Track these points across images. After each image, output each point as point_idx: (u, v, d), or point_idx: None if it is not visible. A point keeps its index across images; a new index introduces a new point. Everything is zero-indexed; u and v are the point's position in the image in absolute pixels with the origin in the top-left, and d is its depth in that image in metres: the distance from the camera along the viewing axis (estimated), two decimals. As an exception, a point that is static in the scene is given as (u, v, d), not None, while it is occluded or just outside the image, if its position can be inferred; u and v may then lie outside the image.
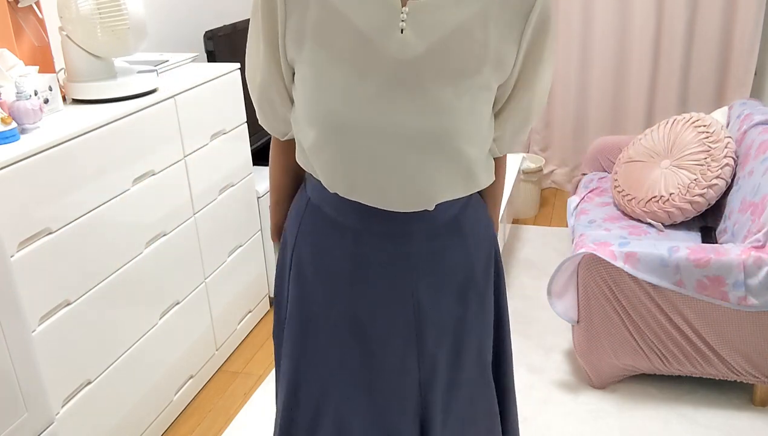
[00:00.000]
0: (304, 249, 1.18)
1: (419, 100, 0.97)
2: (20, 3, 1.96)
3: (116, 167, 1.91)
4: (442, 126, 0.98)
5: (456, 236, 1.15)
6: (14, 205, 1.59)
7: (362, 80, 0.97)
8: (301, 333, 1.21)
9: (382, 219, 1.09)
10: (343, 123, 0.98)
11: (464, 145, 1.01)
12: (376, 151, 1.00)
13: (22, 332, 1.46)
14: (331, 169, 1.04)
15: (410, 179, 1.02)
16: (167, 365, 2.20)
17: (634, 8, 3.54)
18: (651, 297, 2.12)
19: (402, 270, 1.13)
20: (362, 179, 1.03)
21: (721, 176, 2.53)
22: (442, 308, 1.17)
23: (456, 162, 1.02)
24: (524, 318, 2.77)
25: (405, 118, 0.97)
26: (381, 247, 1.11)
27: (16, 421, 1.46)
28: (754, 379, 2.16)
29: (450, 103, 0.97)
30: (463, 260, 1.17)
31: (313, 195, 1.16)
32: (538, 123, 3.94)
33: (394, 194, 1.04)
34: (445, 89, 0.97)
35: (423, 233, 1.11)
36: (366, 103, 0.97)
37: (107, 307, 1.91)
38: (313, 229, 1.17)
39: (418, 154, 0.99)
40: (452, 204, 1.12)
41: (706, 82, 3.57)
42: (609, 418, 2.20)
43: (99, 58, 2.04)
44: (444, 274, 1.15)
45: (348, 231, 1.12)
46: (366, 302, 1.15)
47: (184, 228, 2.24)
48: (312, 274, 1.18)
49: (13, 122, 1.67)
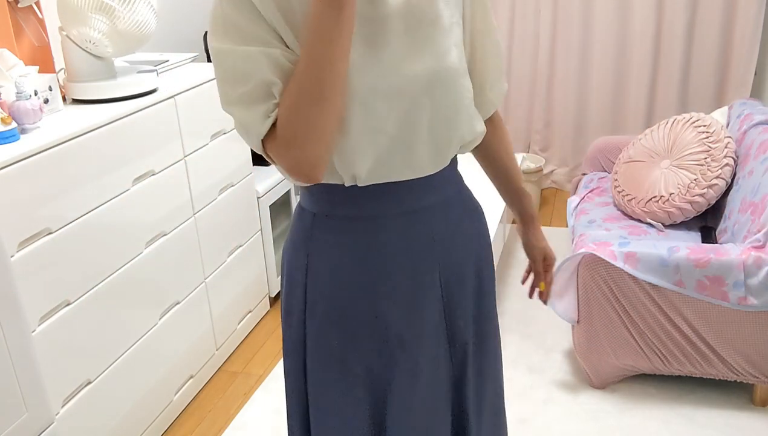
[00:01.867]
0: (322, 272, 1.15)
1: (414, 47, 1.03)
2: (20, 3, 1.96)
3: (116, 167, 1.91)
4: (442, 65, 1.05)
5: (465, 209, 1.20)
6: (14, 206, 1.59)
7: (357, 47, 1.00)
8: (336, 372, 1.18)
9: (399, 197, 1.11)
10: (353, 92, 1.00)
11: (459, 80, 1.08)
12: (390, 109, 1.03)
13: (22, 332, 1.46)
14: (349, 143, 1.03)
15: (431, 126, 1.07)
16: (167, 365, 2.21)
17: (634, 8, 3.54)
18: (651, 297, 2.12)
19: (426, 249, 1.14)
20: (383, 146, 1.05)
21: (721, 176, 2.53)
22: (467, 288, 1.20)
23: (458, 98, 1.08)
24: (524, 318, 2.77)
25: (407, 69, 1.02)
26: (402, 230, 1.12)
27: (16, 421, 1.46)
28: (754, 379, 2.16)
29: (440, 42, 1.05)
30: (476, 233, 1.22)
31: (320, 207, 1.14)
32: (538, 123, 3.94)
33: (420, 149, 1.07)
34: (431, 31, 1.05)
35: (439, 207, 1.15)
36: (368, 67, 1.01)
37: (107, 307, 1.91)
38: (326, 245, 1.14)
39: (427, 99, 1.05)
40: (453, 177, 1.17)
41: (706, 82, 3.57)
42: (609, 418, 2.20)
43: (99, 58, 2.04)
44: (463, 248, 1.19)
45: (362, 223, 1.12)
46: (392, 301, 1.14)
47: (184, 228, 2.24)
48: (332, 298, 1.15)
49: (13, 122, 1.67)
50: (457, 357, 1.21)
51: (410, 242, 1.13)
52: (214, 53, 1.00)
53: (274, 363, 2.58)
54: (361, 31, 1.00)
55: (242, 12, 0.97)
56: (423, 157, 1.09)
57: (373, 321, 1.15)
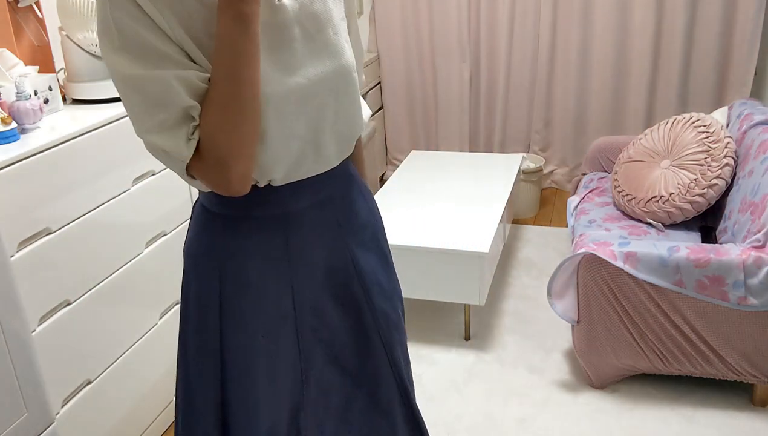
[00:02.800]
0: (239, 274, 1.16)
1: (315, 50, 1.08)
2: (20, 3, 1.96)
3: (116, 167, 1.91)
4: (341, 63, 1.10)
5: (357, 190, 1.26)
6: (14, 205, 1.59)
7: (266, 53, 1.02)
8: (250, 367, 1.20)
9: (309, 190, 1.15)
10: (270, 97, 1.02)
11: (356, 73, 1.15)
12: (303, 111, 1.07)
13: (22, 332, 1.46)
14: (271, 152, 1.05)
15: (336, 122, 1.13)
16: (167, 365, 2.20)
17: (633, 8, 3.54)
18: (651, 297, 2.12)
19: (336, 235, 1.21)
20: (298, 147, 1.08)
21: (721, 176, 2.53)
22: (373, 264, 1.27)
23: (356, 93, 1.15)
24: (524, 318, 2.77)
25: (311, 70, 1.07)
26: (313, 221, 1.17)
27: (16, 421, 1.46)
28: (754, 379, 2.16)
29: (336, 42, 1.10)
30: (367, 212, 1.28)
31: (233, 209, 1.13)
32: (538, 123, 3.94)
33: (329, 145, 1.13)
34: (328, 32, 1.09)
35: (342, 193, 1.21)
36: (275, 74, 1.03)
37: (107, 307, 1.91)
38: (242, 247, 1.15)
39: (332, 97, 1.10)
40: (346, 161, 1.23)
41: (706, 82, 3.57)
42: (609, 418, 2.20)
43: (99, 58, 2.04)
44: (364, 226, 1.26)
45: (281, 220, 1.15)
46: (313, 290, 1.20)
47: (184, 228, 2.24)
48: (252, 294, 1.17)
49: (13, 122, 1.67)
50: (382, 325, 1.28)
51: (321, 231, 1.19)
52: (123, 79, 0.95)
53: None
54: (264, 39, 1.02)
55: (147, 31, 0.94)
56: (331, 151, 1.14)
57: (291, 312, 1.18)
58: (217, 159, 0.96)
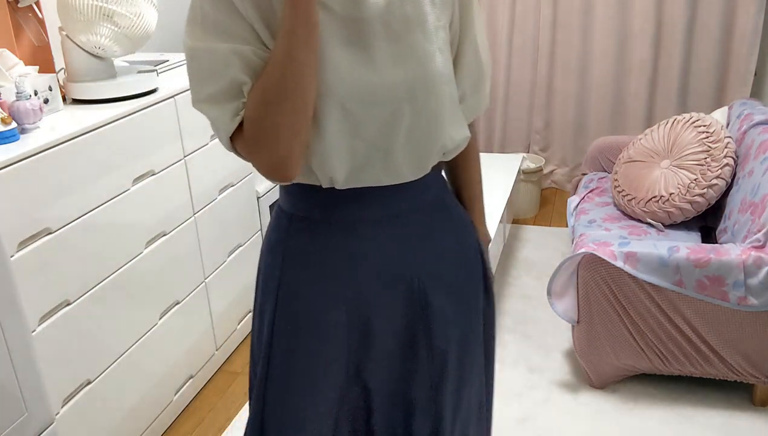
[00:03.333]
0: (295, 275, 1.15)
1: (396, 51, 1.01)
2: (20, 3, 1.96)
3: (116, 167, 1.91)
4: (425, 71, 1.03)
5: (445, 217, 1.18)
6: (14, 206, 1.59)
7: (338, 49, 0.99)
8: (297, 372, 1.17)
9: (377, 202, 1.09)
10: (332, 93, 0.99)
11: (444, 86, 1.06)
12: (369, 113, 1.01)
13: (22, 332, 1.46)
14: (326, 146, 1.02)
15: (406, 134, 1.05)
16: (167, 365, 2.20)
17: (634, 8, 3.54)
18: (651, 297, 2.12)
19: (401, 256, 1.13)
20: (360, 151, 1.03)
21: (721, 176, 2.53)
22: (446, 297, 1.17)
23: (442, 105, 1.06)
24: (524, 318, 2.77)
25: (389, 73, 1.01)
26: (377, 236, 1.11)
27: (16, 421, 1.46)
28: (754, 379, 2.16)
29: (423, 48, 1.03)
30: (453, 243, 1.18)
31: (297, 208, 1.13)
32: (538, 123, 3.94)
33: (399, 156, 1.05)
34: (415, 35, 1.02)
35: (418, 214, 1.13)
36: (348, 70, 0.99)
37: (107, 307, 1.91)
38: (301, 248, 1.13)
39: (408, 104, 1.03)
40: (435, 183, 1.15)
41: (706, 83, 3.57)
42: (609, 418, 2.20)
43: (99, 58, 2.04)
44: (443, 257, 1.16)
45: (338, 228, 1.11)
46: (365, 307, 1.13)
47: (184, 228, 2.24)
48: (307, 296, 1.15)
49: (13, 122, 1.67)
50: (435, 362, 1.18)
51: (385, 248, 1.12)
52: (187, 51, 1.00)
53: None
54: (342, 32, 0.99)
55: (220, 9, 0.97)
56: (402, 164, 1.07)
57: (343, 327, 1.14)
58: (256, 139, 0.97)
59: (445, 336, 1.18)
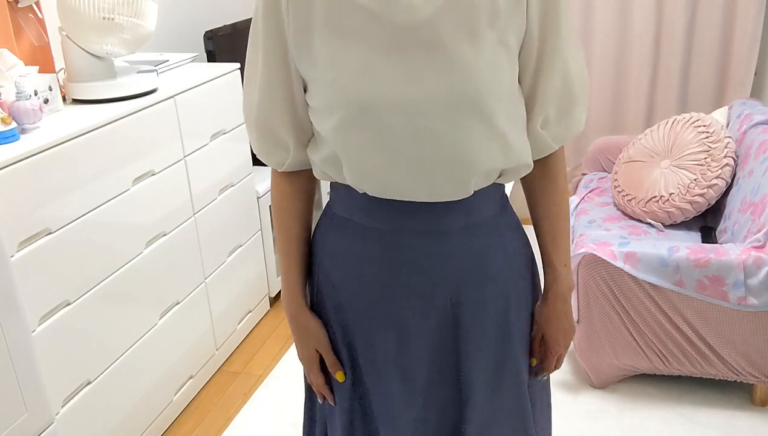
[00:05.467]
0: (332, 273, 1.13)
1: (439, 63, 0.94)
2: (20, 3, 1.96)
3: (116, 167, 1.91)
4: (467, 86, 0.94)
5: (496, 237, 1.10)
6: (14, 205, 1.59)
7: (378, 55, 0.95)
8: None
9: (416, 215, 1.04)
10: (368, 101, 0.95)
11: (492, 105, 0.96)
12: (405, 125, 0.96)
13: (22, 332, 1.46)
14: (360, 157, 1.00)
15: (444, 151, 0.97)
16: (167, 365, 2.20)
17: (634, 8, 3.54)
18: (651, 297, 2.12)
19: (439, 274, 1.07)
20: (395, 164, 0.99)
21: (721, 176, 2.53)
22: (484, 322, 1.11)
23: (487, 124, 0.97)
24: (524, 318, 2.76)
25: (428, 85, 0.94)
26: (416, 249, 1.06)
27: (16, 421, 1.46)
28: (754, 379, 2.16)
29: (470, 62, 0.94)
30: (504, 265, 1.11)
31: (341, 207, 1.11)
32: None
33: (437, 174, 0.99)
34: (462, 47, 0.94)
35: (461, 230, 1.06)
36: (386, 77, 0.95)
37: (107, 307, 1.91)
38: (341, 247, 1.11)
39: (447, 120, 0.95)
40: (489, 202, 1.08)
41: (706, 82, 3.57)
42: (609, 418, 2.20)
43: (99, 58, 2.04)
44: (485, 277, 1.09)
45: (378, 234, 1.07)
46: (402, 311, 1.10)
47: (184, 228, 2.24)
48: (344, 297, 1.13)
49: (13, 122, 1.67)
50: (465, 389, 1.13)
51: (420, 262, 1.06)
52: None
53: (274, 363, 2.57)
54: (386, 39, 0.94)
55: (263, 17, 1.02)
56: (440, 182, 1.00)
57: (371, 344, 1.12)
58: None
59: (473, 366, 1.11)
